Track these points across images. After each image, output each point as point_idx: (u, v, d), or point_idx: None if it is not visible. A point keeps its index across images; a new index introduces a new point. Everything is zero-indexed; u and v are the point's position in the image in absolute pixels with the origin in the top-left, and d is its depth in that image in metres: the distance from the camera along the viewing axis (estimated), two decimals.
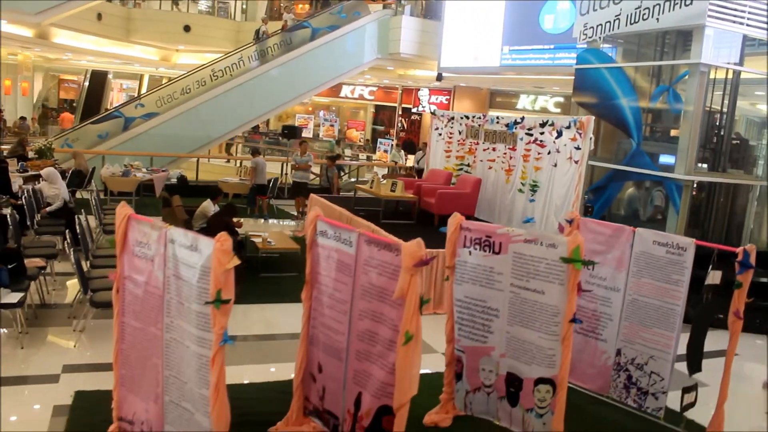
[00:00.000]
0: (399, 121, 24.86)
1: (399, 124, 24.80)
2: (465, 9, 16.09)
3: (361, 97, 26.20)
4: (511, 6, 14.82)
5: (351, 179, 16.84)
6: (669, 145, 8.67)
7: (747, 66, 8.59)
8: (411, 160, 17.59)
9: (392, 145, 20.37)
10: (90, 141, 14.99)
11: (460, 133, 10.59)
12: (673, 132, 8.90)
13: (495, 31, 15.07)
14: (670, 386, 4.75)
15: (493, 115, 10.11)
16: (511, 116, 9.67)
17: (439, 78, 17.29)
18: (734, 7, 7.76)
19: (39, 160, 11.32)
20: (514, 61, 14.81)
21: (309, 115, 25.51)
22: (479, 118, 10.19)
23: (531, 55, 14.33)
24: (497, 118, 9.72)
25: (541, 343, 4.01)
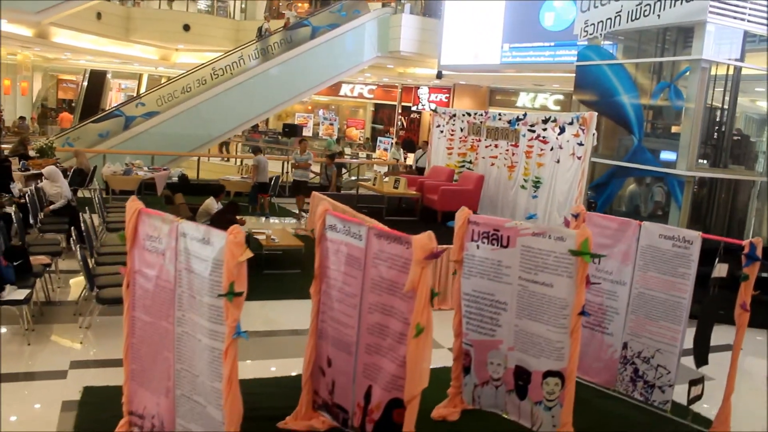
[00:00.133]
0: (398, 119, 24.85)
1: (398, 123, 24.79)
2: (465, 6, 16.10)
3: (361, 95, 26.19)
4: (512, 3, 14.84)
5: (351, 177, 16.84)
6: (670, 142, 8.70)
7: (747, 62, 8.63)
8: (410, 158, 17.61)
9: (392, 144, 20.38)
10: (91, 140, 14.97)
11: (462, 130, 10.60)
12: (674, 128, 8.93)
13: (495, 29, 15.08)
14: (677, 380, 4.77)
15: (495, 111, 10.11)
16: (513, 113, 9.69)
17: (439, 76, 17.30)
18: (735, 3, 7.80)
19: (40, 159, 11.31)
20: (515, 59, 14.82)
21: (308, 114, 25.49)
22: (481, 115, 10.20)
23: (531, 53, 14.34)
24: (499, 114, 9.72)
25: (549, 335, 4.02)
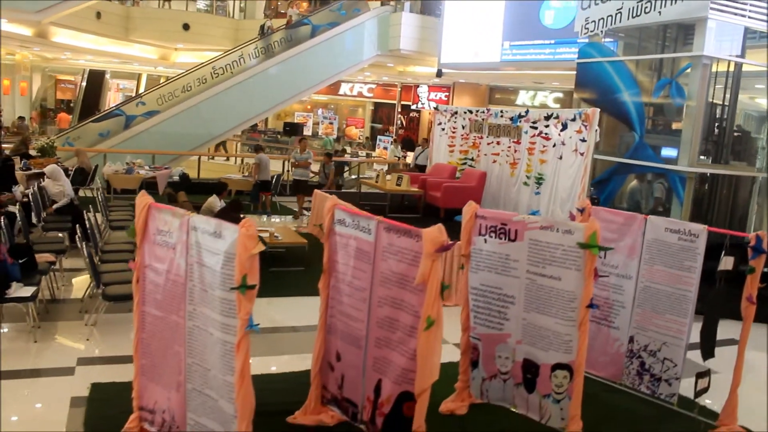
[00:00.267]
0: (398, 118, 24.85)
1: (398, 121, 24.80)
2: (465, 5, 16.12)
3: (360, 94, 26.19)
4: (511, 2, 14.85)
5: (352, 176, 16.85)
6: (671, 138, 8.72)
7: (748, 59, 8.65)
8: (410, 156, 17.63)
9: (391, 142, 20.40)
10: (91, 139, 14.97)
11: (463, 127, 10.62)
12: (676, 125, 8.95)
13: (495, 27, 15.10)
14: (683, 373, 4.79)
15: (497, 109, 10.13)
16: (515, 110, 9.70)
17: (439, 74, 17.31)
18: None
19: (42, 159, 11.31)
20: (515, 57, 14.85)
21: (308, 113, 25.49)
22: (483, 112, 10.21)
23: (531, 51, 14.37)
24: (501, 111, 9.74)
25: (557, 328, 4.03)
